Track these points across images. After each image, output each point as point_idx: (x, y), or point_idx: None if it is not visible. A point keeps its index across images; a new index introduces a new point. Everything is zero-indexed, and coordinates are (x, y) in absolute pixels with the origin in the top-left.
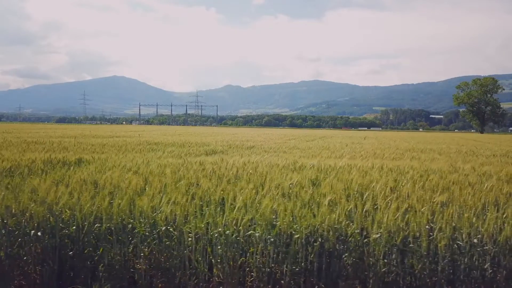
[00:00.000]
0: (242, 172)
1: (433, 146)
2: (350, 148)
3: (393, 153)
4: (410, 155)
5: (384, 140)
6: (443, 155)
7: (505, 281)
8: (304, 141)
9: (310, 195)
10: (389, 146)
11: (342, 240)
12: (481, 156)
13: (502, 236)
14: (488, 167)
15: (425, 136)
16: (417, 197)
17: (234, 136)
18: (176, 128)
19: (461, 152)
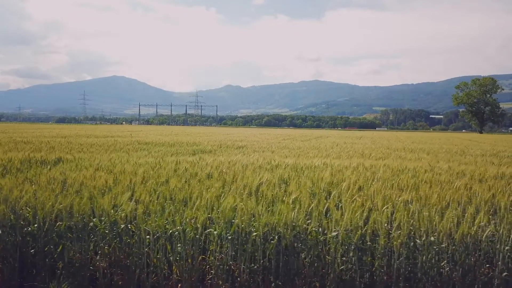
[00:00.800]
0: (215, 171)
1: (425, 146)
2: (340, 148)
3: (380, 152)
4: (397, 154)
5: (378, 140)
6: (431, 154)
7: (462, 278)
8: (299, 141)
9: (275, 193)
10: (380, 146)
11: (301, 238)
12: (469, 156)
13: (458, 234)
14: (465, 166)
15: (422, 136)
16: (382, 196)
17: (228, 136)
18: (174, 128)
19: (450, 152)
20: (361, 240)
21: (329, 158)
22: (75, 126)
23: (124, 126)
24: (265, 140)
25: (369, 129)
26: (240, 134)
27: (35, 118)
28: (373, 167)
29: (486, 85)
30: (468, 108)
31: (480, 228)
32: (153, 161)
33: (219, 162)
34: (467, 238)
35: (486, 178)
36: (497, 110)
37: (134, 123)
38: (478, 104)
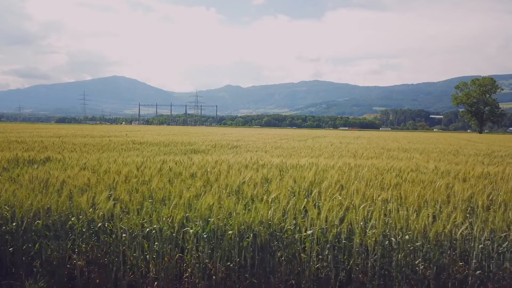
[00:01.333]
0: (199, 171)
1: (421, 146)
2: (334, 148)
3: (372, 152)
4: (389, 154)
5: (376, 140)
6: (423, 154)
7: (436, 276)
8: (296, 141)
9: (256, 192)
10: (376, 146)
11: (277, 236)
12: (461, 156)
13: (432, 233)
14: (454, 166)
15: (420, 136)
16: (362, 195)
17: (225, 136)
18: (173, 128)
19: (444, 152)
20: (336, 238)
21: (321, 157)
22: (74, 126)
23: (123, 126)
24: (261, 140)
25: (372, 129)
26: (238, 134)
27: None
28: (358, 166)
29: (486, 85)
30: (467, 108)
31: (454, 227)
32: (140, 160)
33: (205, 162)
34: (441, 236)
35: (469, 178)
36: (497, 110)
37: (134, 123)
38: (477, 104)
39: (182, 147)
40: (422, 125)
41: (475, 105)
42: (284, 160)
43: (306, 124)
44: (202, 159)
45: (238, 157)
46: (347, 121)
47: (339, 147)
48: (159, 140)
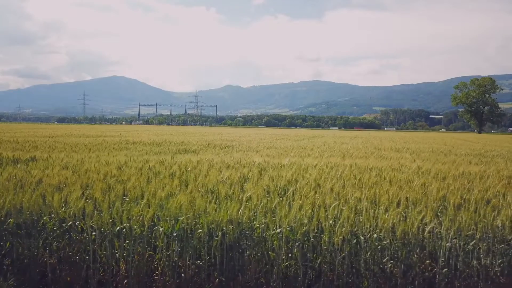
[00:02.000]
0: (178, 170)
1: (415, 146)
2: (326, 147)
3: (363, 152)
4: (379, 154)
5: (372, 140)
6: (414, 154)
7: (403, 274)
8: (291, 141)
9: (231, 191)
10: (370, 146)
11: (246, 235)
12: (453, 155)
13: (399, 231)
14: (440, 165)
15: (419, 136)
16: (336, 193)
17: (221, 136)
18: (172, 128)
19: (436, 152)
20: (306, 236)
21: (309, 157)
22: (73, 126)
23: (121, 126)
24: (257, 140)
25: (378, 129)
26: (235, 134)
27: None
28: (340, 165)
29: (485, 85)
30: (467, 108)
31: (422, 226)
32: (124, 160)
33: (188, 161)
34: (409, 235)
35: (448, 177)
36: (496, 110)
37: (134, 123)
38: (477, 104)
39: (174, 147)
40: (422, 125)
41: (475, 105)
42: (269, 159)
43: (306, 124)
44: (185, 159)
45: (223, 157)
46: (347, 121)
47: (332, 147)
48: (153, 140)
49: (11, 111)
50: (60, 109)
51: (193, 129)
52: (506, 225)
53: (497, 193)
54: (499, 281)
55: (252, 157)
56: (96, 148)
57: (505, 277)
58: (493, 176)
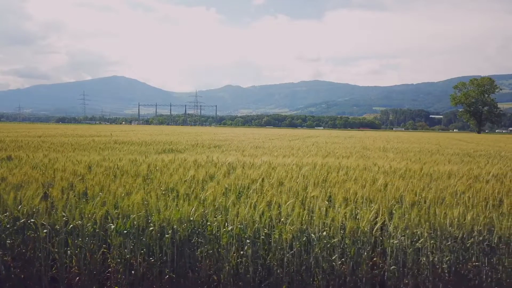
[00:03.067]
0: (146, 169)
1: (405, 146)
2: (314, 147)
3: (348, 152)
4: (363, 153)
5: (366, 140)
6: (399, 153)
7: (352, 271)
8: (285, 141)
9: (192, 189)
10: (359, 146)
11: (197, 232)
12: (439, 155)
13: (348, 229)
14: (418, 165)
15: (414, 136)
16: (294, 192)
17: (215, 136)
18: (170, 128)
19: (423, 151)
20: (257, 234)
21: (292, 157)
22: (71, 126)
23: (120, 126)
24: (249, 140)
25: (387, 130)
26: (230, 134)
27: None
28: (312, 164)
29: (484, 85)
30: (466, 108)
31: (369, 223)
32: (98, 158)
33: (159, 160)
34: (358, 232)
35: (415, 176)
36: (495, 110)
37: (134, 123)
38: (476, 104)
39: (160, 147)
40: (422, 125)
41: (474, 105)
42: (245, 159)
43: (306, 124)
44: (158, 158)
45: (198, 156)
46: (347, 121)
47: (319, 147)
48: (144, 139)
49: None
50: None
51: (191, 129)
52: (454, 223)
53: (457, 191)
54: (447, 277)
55: (231, 157)
56: (81, 148)
57: (453, 274)
58: (463, 175)
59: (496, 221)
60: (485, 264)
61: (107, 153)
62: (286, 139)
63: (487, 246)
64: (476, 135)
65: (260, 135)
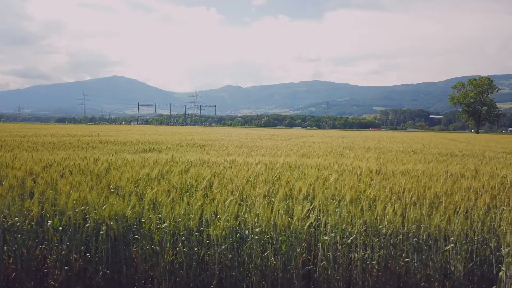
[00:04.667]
0: (102, 167)
1: (392, 145)
2: (299, 147)
3: (329, 151)
4: (342, 153)
5: (358, 139)
6: (379, 153)
7: (284, 267)
8: (274, 141)
9: (137, 188)
10: (346, 145)
11: (133, 229)
12: (421, 155)
13: (279, 225)
14: (388, 164)
15: (408, 136)
16: (241, 189)
17: (205, 136)
18: (167, 128)
19: (405, 151)
20: (191, 231)
21: (266, 156)
22: (68, 126)
23: (117, 126)
24: (238, 140)
25: (400, 130)
26: (223, 134)
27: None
28: (274, 163)
29: (483, 85)
30: (464, 108)
31: (300, 220)
32: (63, 157)
33: (122, 159)
34: (290, 229)
35: (371, 174)
36: (494, 110)
37: (134, 123)
38: (474, 104)
39: (142, 146)
40: (421, 125)
41: (472, 105)
42: (215, 159)
43: (305, 124)
44: (121, 156)
45: (163, 156)
46: (347, 121)
47: (304, 147)
48: (131, 139)
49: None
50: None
51: (189, 129)
52: (384, 220)
53: (404, 189)
54: (378, 273)
55: (206, 156)
56: (63, 148)
57: (383, 270)
58: (419, 174)
59: (426, 218)
60: (414, 260)
61: (84, 152)
62: (278, 139)
63: (416, 243)
64: (474, 135)
65: (253, 135)
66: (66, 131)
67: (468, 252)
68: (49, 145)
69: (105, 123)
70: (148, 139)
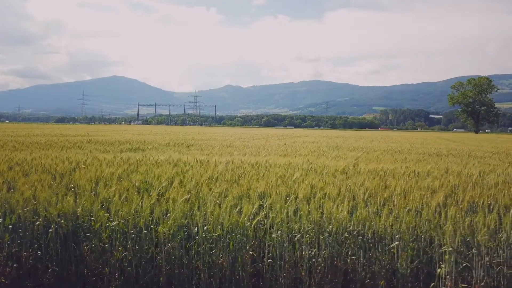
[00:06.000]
0: (69, 166)
1: (380, 145)
2: (285, 147)
3: (309, 151)
4: (324, 153)
5: (351, 139)
6: (364, 153)
7: (231, 265)
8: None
9: (99, 187)
10: (335, 145)
11: (83, 227)
12: (404, 154)
13: (226, 223)
14: (364, 163)
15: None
16: (199, 187)
17: (197, 136)
18: (165, 128)
19: (390, 151)
20: (143, 229)
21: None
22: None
23: (115, 126)
24: (230, 139)
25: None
26: (218, 134)
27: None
28: (243, 162)
29: (481, 85)
30: (463, 108)
31: (249, 218)
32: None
33: (87, 159)
34: (237, 227)
35: (335, 173)
36: (493, 110)
37: (134, 123)
38: (473, 104)
39: (129, 146)
40: (421, 125)
41: (471, 105)
42: (180, 157)
43: (305, 124)
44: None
45: (137, 155)
46: (346, 121)
47: (290, 146)
48: (122, 139)
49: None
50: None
51: (186, 129)
52: (330, 218)
53: (357, 188)
54: (324, 270)
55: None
56: (44, 147)
57: (329, 267)
58: (387, 174)
59: (372, 217)
60: (360, 258)
61: (64, 152)
62: (271, 138)
63: (361, 241)
64: (472, 135)
65: (248, 135)
66: (60, 131)
67: (415, 250)
68: (34, 145)
69: (105, 123)
70: (138, 138)
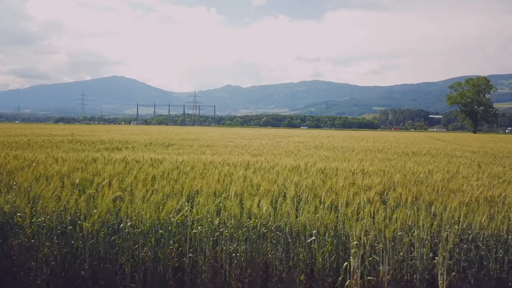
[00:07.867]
0: (23, 164)
1: (366, 145)
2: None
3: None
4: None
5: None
6: (344, 152)
7: (154, 259)
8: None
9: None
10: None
11: (10, 223)
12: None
13: (152, 218)
14: (333, 162)
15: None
16: (135, 185)
17: (186, 135)
18: (162, 128)
19: (372, 150)
20: (68, 225)
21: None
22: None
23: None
24: (218, 139)
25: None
26: (211, 134)
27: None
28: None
29: (480, 85)
30: (461, 108)
31: (173, 214)
32: None
33: (46, 157)
34: (159, 223)
35: (282, 171)
36: (491, 110)
37: (133, 123)
38: (471, 104)
39: (109, 145)
40: (421, 125)
41: (469, 105)
42: (135, 156)
43: (305, 124)
44: (51, 155)
45: (93, 154)
46: (346, 121)
47: (272, 146)
48: (106, 139)
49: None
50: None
51: (182, 129)
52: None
53: (293, 185)
54: (242, 264)
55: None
56: (18, 147)
57: (248, 262)
58: (335, 172)
59: (292, 213)
60: (279, 253)
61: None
62: (263, 138)
63: (279, 237)
64: (468, 135)
65: (239, 134)
66: (50, 131)
67: (334, 245)
68: (9, 145)
69: (104, 123)
70: (123, 138)
